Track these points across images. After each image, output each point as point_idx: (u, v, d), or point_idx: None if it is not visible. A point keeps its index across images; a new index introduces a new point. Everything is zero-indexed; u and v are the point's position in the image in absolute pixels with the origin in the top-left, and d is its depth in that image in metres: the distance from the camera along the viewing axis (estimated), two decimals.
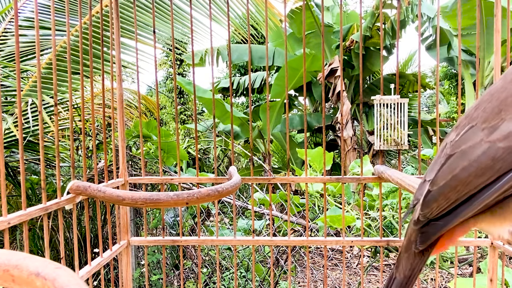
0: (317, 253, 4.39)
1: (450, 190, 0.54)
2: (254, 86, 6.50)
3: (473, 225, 0.55)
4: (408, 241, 0.59)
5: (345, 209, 2.01)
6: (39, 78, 0.92)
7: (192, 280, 3.27)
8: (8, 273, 0.40)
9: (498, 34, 1.19)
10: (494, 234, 0.55)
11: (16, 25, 0.86)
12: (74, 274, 0.38)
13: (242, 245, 3.14)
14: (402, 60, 7.60)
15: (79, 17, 1.15)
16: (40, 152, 0.94)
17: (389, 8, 5.02)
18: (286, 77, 1.34)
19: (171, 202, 0.90)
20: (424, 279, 3.41)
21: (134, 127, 3.15)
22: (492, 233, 0.55)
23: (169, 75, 11.17)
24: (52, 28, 1.03)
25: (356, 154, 5.11)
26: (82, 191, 1.00)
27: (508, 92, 0.52)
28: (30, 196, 2.74)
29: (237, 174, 1.16)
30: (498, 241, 1.26)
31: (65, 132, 3.11)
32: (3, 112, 2.28)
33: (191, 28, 1.38)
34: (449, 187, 0.54)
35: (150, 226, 3.25)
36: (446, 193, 0.55)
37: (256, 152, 6.40)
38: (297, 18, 5.50)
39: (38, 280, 0.38)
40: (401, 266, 0.61)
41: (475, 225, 0.55)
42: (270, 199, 1.54)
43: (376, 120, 3.60)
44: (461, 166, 0.54)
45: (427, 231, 0.56)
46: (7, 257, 0.41)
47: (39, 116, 0.94)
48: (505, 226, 0.53)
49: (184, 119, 10.11)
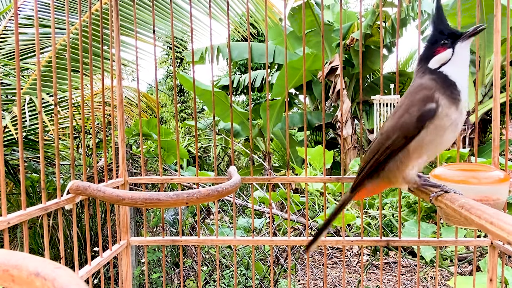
0: (317, 251, 4.40)
1: (362, 161, 1.01)
2: (255, 85, 6.49)
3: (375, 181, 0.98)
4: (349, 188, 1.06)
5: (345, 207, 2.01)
6: (39, 77, 0.92)
7: (192, 278, 3.27)
8: (7, 273, 0.40)
9: (497, 34, 1.19)
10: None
11: (16, 23, 0.86)
12: (74, 274, 0.38)
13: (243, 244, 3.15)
14: (403, 59, 7.58)
15: (79, 15, 1.15)
16: (40, 152, 0.94)
17: (390, 7, 5.01)
18: (286, 76, 1.34)
19: (170, 202, 0.91)
20: (424, 278, 3.41)
21: (135, 126, 3.15)
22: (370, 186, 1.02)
23: (169, 73, 11.16)
24: (52, 26, 1.03)
25: (357, 152, 5.11)
26: (82, 191, 1.01)
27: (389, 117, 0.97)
28: (31, 194, 2.74)
29: (237, 174, 1.16)
30: (498, 241, 1.26)
31: (65, 131, 3.11)
32: (2, 110, 2.28)
33: (191, 26, 1.38)
34: (362, 160, 1.02)
35: (150, 224, 3.25)
36: (361, 163, 1.02)
37: (256, 151, 6.40)
38: (297, 17, 5.49)
39: (37, 280, 0.38)
40: (341, 199, 1.07)
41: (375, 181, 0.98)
42: (270, 198, 1.54)
43: (376, 119, 3.60)
44: (368, 149, 0.98)
45: (354, 181, 1.03)
46: (7, 257, 0.41)
47: (39, 116, 0.94)
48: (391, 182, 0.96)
49: (184, 117, 10.10)
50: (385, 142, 0.91)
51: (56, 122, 1.01)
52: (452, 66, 0.89)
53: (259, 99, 8.25)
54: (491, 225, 0.60)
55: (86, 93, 3.11)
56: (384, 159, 0.92)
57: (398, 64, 1.40)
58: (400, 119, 0.89)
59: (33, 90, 2.52)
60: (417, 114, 0.86)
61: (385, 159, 0.92)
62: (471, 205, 0.70)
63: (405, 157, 0.90)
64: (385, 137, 0.92)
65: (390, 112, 3.63)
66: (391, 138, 0.90)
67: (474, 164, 1.13)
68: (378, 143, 0.94)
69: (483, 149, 5.04)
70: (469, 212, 0.69)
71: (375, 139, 0.98)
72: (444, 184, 0.88)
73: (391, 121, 0.93)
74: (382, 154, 0.92)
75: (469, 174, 0.93)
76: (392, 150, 0.90)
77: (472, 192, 0.88)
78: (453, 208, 0.77)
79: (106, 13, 1.43)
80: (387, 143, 0.90)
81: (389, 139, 0.90)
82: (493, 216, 0.61)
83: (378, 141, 0.95)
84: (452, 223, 0.95)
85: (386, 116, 3.64)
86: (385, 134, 0.92)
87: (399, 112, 0.91)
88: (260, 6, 2.98)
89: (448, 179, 0.92)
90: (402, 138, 0.88)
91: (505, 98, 1.17)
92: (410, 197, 1.94)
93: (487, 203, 0.88)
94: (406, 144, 0.88)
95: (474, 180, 0.91)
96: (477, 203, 0.70)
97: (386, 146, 0.91)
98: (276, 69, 6.80)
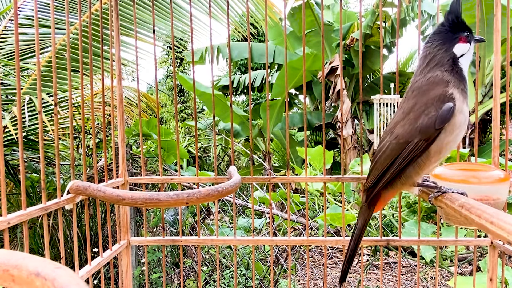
0: (317, 251, 4.40)
1: (375, 170, 0.91)
2: (255, 85, 6.49)
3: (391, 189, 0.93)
4: (362, 203, 0.98)
5: (345, 207, 2.01)
6: (39, 77, 0.92)
7: (193, 278, 3.27)
8: (7, 273, 0.40)
9: (498, 34, 1.19)
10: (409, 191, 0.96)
11: (16, 24, 0.86)
12: (74, 274, 0.38)
13: (243, 244, 3.15)
14: (403, 59, 7.58)
15: (79, 14, 1.15)
16: (40, 152, 0.94)
17: (390, 7, 5.01)
18: (286, 76, 1.34)
19: (170, 202, 0.91)
20: (424, 278, 3.41)
21: (135, 126, 3.15)
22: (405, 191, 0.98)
23: (169, 73, 11.16)
24: (52, 26, 1.03)
25: (357, 152, 5.11)
26: (82, 191, 1.01)
27: (398, 116, 0.90)
28: (31, 194, 2.74)
29: (237, 174, 1.16)
30: (498, 241, 1.26)
31: (65, 131, 3.11)
32: (2, 111, 2.28)
33: (191, 26, 1.38)
34: (374, 168, 0.92)
35: (150, 224, 3.25)
36: (373, 172, 0.92)
37: (256, 151, 6.40)
38: (297, 17, 5.49)
39: (38, 280, 0.38)
40: (359, 218, 0.99)
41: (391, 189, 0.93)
42: (270, 198, 1.54)
43: (376, 119, 3.60)
44: (378, 155, 0.91)
45: (368, 194, 0.94)
46: (7, 257, 0.41)
47: (39, 116, 0.94)
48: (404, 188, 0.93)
49: (184, 117, 10.10)
50: (404, 147, 0.85)
51: (56, 122, 1.01)
52: (464, 61, 0.87)
53: (259, 99, 8.25)
54: (491, 225, 0.60)
55: (86, 93, 3.11)
56: (405, 166, 0.85)
57: (398, 64, 1.40)
58: (417, 121, 0.83)
59: (33, 90, 2.52)
60: (436, 115, 0.81)
61: (405, 166, 0.86)
62: (471, 204, 0.70)
63: (425, 161, 0.85)
64: (403, 142, 0.85)
65: (390, 112, 3.62)
66: (411, 143, 0.84)
67: (474, 164, 1.13)
68: (394, 149, 0.86)
69: (483, 149, 5.05)
70: (469, 211, 0.69)
71: (386, 143, 0.89)
72: (442, 185, 0.88)
73: (406, 123, 0.86)
74: (404, 161, 0.85)
75: (469, 174, 0.92)
76: (413, 156, 0.84)
77: (472, 191, 0.88)
78: (453, 207, 0.77)
79: (106, 13, 1.42)
80: (409, 148, 0.84)
81: (408, 144, 0.84)
82: (493, 216, 0.61)
83: (392, 146, 0.87)
84: (452, 223, 0.95)
85: (386, 116, 3.63)
86: (402, 139, 0.85)
87: (414, 113, 0.85)
88: (261, 6, 2.98)
89: (448, 178, 0.92)
90: (423, 142, 0.83)
91: (505, 98, 1.17)
92: (410, 197, 1.94)
93: (487, 203, 0.88)
94: (427, 148, 0.83)
95: (474, 179, 0.91)
96: (477, 203, 0.70)
97: (408, 152, 0.84)
98: (276, 69, 6.80)
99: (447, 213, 0.92)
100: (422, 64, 0.88)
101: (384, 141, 0.91)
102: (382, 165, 0.88)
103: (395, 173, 0.87)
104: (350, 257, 0.99)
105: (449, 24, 0.87)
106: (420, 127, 0.82)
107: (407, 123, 0.85)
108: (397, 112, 0.93)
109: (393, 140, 0.87)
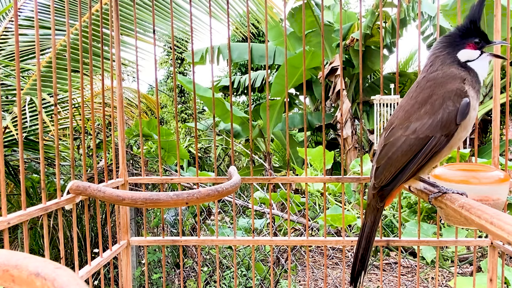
0: (318, 252, 4.39)
1: (390, 166, 0.86)
2: (255, 85, 6.49)
3: (404, 186, 0.94)
4: (370, 201, 0.93)
5: (345, 208, 2.01)
6: (39, 77, 0.92)
7: (193, 279, 3.27)
8: (8, 273, 0.40)
9: (498, 34, 1.19)
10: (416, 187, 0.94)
11: (16, 25, 0.86)
12: (74, 274, 0.38)
13: (243, 244, 3.15)
14: (403, 59, 7.58)
15: (79, 15, 1.15)
16: (40, 152, 0.94)
17: (390, 7, 5.01)
18: (286, 75, 1.34)
19: (170, 202, 0.91)
20: (425, 278, 3.41)
21: (135, 126, 3.15)
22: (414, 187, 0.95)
23: (169, 74, 11.16)
24: (52, 27, 1.03)
25: (357, 153, 5.11)
26: (82, 191, 1.01)
27: (411, 106, 0.87)
28: (31, 194, 2.74)
29: (237, 174, 1.16)
30: (498, 241, 1.26)
31: (66, 131, 3.11)
32: (3, 111, 2.28)
33: (191, 26, 1.38)
34: (388, 165, 0.86)
35: (151, 225, 3.25)
36: (388, 168, 0.86)
37: (256, 151, 6.40)
38: (297, 17, 5.49)
39: (38, 280, 0.38)
40: (368, 217, 0.95)
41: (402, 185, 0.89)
42: (271, 199, 1.54)
43: (376, 120, 3.59)
44: (391, 151, 0.86)
45: (383, 193, 0.89)
46: (7, 257, 0.41)
47: (39, 116, 0.94)
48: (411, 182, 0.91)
49: (184, 118, 10.10)
50: (426, 143, 0.82)
51: (56, 123, 1.01)
52: (475, 65, 0.88)
53: (259, 99, 8.26)
54: (491, 225, 0.60)
55: (86, 93, 3.11)
56: (426, 162, 0.83)
57: (398, 64, 1.40)
58: (437, 115, 0.81)
59: (33, 90, 2.52)
60: (455, 110, 0.80)
61: (426, 162, 0.83)
62: (471, 205, 0.70)
63: (439, 157, 0.84)
64: (423, 137, 0.82)
65: (390, 112, 3.62)
66: (433, 139, 0.81)
67: (474, 164, 1.13)
68: (413, 145, 0.83)
69: (484, 150, 5.04)
70: (469, 212, 0.69)
71: (401, 137, 0.85)
72: (442, 186, 0.88)
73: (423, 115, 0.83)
74: (426, 157, 0.82)
75: (469, 174, 0.92)
76: (434, 152, 0.82)
77: (472, 192, 0.88)
78: (453, 208, 0.77)
79: (106, 13, 1.43)
80: (432, 144, 0.81)
81: (430, 140, 0.81)
82: (493, 216, 0.61)
83: (411, 142, 0.83)
84: (452, 223, 0.95)
85: (386, 117, 3.63)
86: (422, 134, 0.82)
87: (432, 105, 0.83)
88: (261, 6, 2.98)
89: (448, 179, 0.92)
90: (444, 137, 0.81)
91: (505, 99, 1.17)
92: (411, 197, 1.94)
93: (487, 203, 0.88)
94: (447, 143, 0.82)
95: (474, 180, 0.91)
96: (477, 203, 0.70)
97: (430, 148, 0.82)
98: (276, 70, 6.80)
99: (447, 214, 0.92)
100: (427, 65, 0.91)
101: (397, 135, 0.86)
102: (400, 161, 0.84)
103: (416, 170, 0.83)
104: (363, 257, 0.96)
105: (461, 28, 0.88)
106: (441, 122, 0.81)
107: (425, 116, 0.83)
108: (406, 101, 0.89)
109: (411, 135, 0.83)
